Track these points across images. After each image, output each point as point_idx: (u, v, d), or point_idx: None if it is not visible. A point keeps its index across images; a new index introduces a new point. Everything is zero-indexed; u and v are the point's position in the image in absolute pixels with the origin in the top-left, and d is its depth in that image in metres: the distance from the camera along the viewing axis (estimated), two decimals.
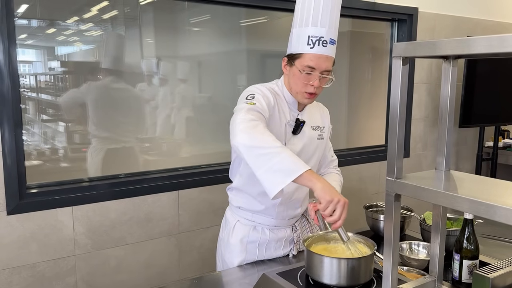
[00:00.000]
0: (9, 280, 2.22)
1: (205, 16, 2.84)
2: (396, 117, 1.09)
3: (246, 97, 1.63)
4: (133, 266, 2.58)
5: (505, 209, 0.87)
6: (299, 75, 1.65)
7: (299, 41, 1.64)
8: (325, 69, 1.64)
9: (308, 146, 1.80)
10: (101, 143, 2.55)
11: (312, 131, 1.81)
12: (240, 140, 1.45)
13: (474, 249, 1.53)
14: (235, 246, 1.83)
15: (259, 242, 1.83)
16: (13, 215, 2.19)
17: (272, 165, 1.41)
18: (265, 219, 1.82)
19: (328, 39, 1.62)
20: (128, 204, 2.51)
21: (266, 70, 3.09)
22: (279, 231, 1.85)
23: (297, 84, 1.67)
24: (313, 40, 1.61)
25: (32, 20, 2.32)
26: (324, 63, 1.63)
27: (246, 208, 1.83)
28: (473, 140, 4.21)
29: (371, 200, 2.27)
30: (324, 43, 1.62)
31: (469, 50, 0.92)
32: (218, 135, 2.91)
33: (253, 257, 1.83)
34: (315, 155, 1.84)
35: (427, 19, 3.64)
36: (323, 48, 1.62)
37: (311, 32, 1.62)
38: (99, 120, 2.55)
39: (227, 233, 1.87)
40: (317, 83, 1.64)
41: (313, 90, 1.66)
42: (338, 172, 2.00)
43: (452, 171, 1.22)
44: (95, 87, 2.52)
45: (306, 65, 1.63)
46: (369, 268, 1.50)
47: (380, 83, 3.76)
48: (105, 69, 2.53)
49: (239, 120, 1.50)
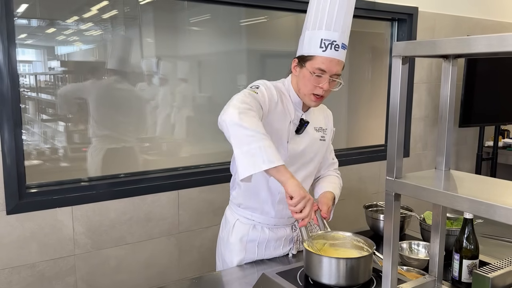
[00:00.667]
0: (8, 280, 2.22)
1: (205, 15, 2.84)
2: (396, 116, 1.09)
3: (251, 86, 1.66)
4: (133, 266, 2.58)
5: (505, 209, 0.87)
6: (309, 77, 1.66)
7: (311, 44, 1.65)
8: (335, 72, 1.66)
9: (310, 147, 1.80)
10: (101, 143, 2.55)
11: (315, 132, 1.82)
12: (229, 116, 1.46)
13: (474, 248, 1.53)
14: (235, 245, 1.83)
15: (259, 241, 1.83)
16: (12, 214, 2.19)
17: (252, 148, 1.42)
18: (264, 217, 1.83)
19: (341, 43, 1.64)
20: (127, 204, 2.51)
21: (266, 70, 3.09)
22: (279, 230, 1.85)
23: (306, 85, 1.68)
24: (325, 43, 1.62)
25: (31, 20, 2.32)
26: (335, 67, 1.64)
27: (246, 205, 1.84)
28: (473, 140, 4.21)
29: (371, 200, 2.27)
30: (336, 47, 1.63)
31: (469, 49, 0.92)
32: (217, 135, 2.88)
33: (253, 256, 1.83)
34: (316, 156, 1.84)
35: (427, 18, 3.64)
36: (335, 52, 1.63)
37: (324, 35, 1.63)
38: (100, 119, 2.55)
39: (227, 232, 1.88)
40: (326, 86, 1.65)
41: (322, 92, 1.67)
42: (337, 175, 2.00)
43: (452, 171, 1.21)
44: (96, 85, 2.52)
45: (318, 67, 1.64)
46: (368, 268, 1.50)
47: (380, 83, 3.76)
48: (106, 68, 2.53)
49: (236, 99, 1.52)
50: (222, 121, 1.48)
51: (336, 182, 1.93)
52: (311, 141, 1.80)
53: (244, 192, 1.82)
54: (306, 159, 1.80)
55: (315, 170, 1.89)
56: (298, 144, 1.76)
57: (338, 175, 2.00)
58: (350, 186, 3.31)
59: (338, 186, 1.94)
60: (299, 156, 1.77)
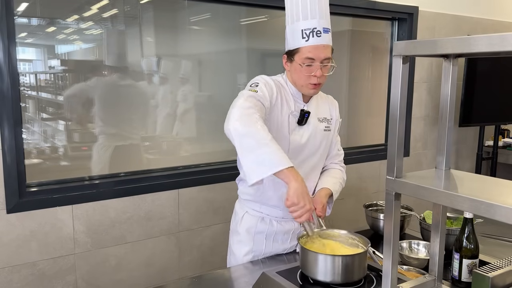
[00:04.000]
0: (9, 279, 2.22)
1: (205, 14, 2.84)
2: (396, 115, 1.09)
3: (251, 84, 1.68)
4: (133, 264, 2.58)
5: (505, 208, 0.87)
6: (300, 69, 1.69)
7: (294, 37, 1.69)
8: (324, 57, 1.68)
9: (314, 138, 1.81)
10: (103, 141, 2.55)
11: (318, 122, 1.82)
12: (233, 126, 1.50)
13: (474, 248, 1.53)
14: (243, 236, 1.86)
15: (267, 233, 1.85)
16: (13, 213, 2.19)
17: (258, 155, 1.46)
18: (272, 210, 1.84)
19: (321, 28, 1.66)
20: (128, 203, 2.51)
21: (266, 69, 3.09)
22: (287, 223, 1.87)
23: (300, 77, 1.71)
24: (306, 32, 1.66)
25: (32, 19, 2.32)
26: (322, 52, 1.67)
27: (253, 199, 1.85)
28: (473, 139, 4.21)
29: (371, 199, 2.27)
30: (318, 33, 1.66)
31: (470, 48, 0.92)
32: (218, 134, 2.88)
33: (261, 247, 1.85)
34: (321, 147, 1.85)
35: (427, 18, 3.64)
36: (318, 38, 1.66)
37: (303, 25, 1.67)
38: (103, 118, 2.55)
39: (236, 224, 1.91)
40: (319, 72, 1.68)
41: (317, 80, 1.69)
42: (342, 169, 1.98)
43: (452, 170, 1.21)
44: (98, 84, 2.52)
45: (305, 57, 1.67)
46: (363, 265, 1.49)
47: (380, 82, 3.76)
48: (106, 66, 2.52)
49: (237, 106, 1.55)
50: (227, 130, 1.52)
51: (337, 177, 1.91)
52: (315, 132, 1.81)
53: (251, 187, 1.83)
54: (310, 151, 1.81)
55: (320, 162, 1.89)
56: (300, 136, 1.77)
57: (342, 169, 1.98)
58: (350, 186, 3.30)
59: (339, 180, 1.91)
60: (302, 148, 1.78)
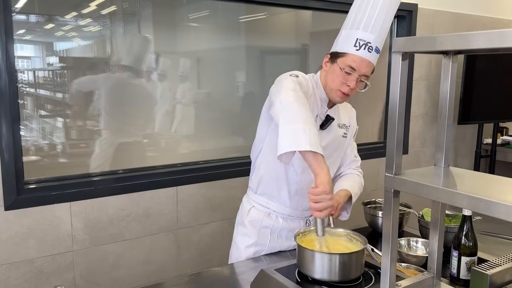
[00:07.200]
0: (6, 276, 2.22)
1: (204, 12, 2.83)
2: (396, 113, 1.09)
3: (290, 74, 1.64)
4: (131, 262, 2.57)
5: (504, 206, 0.86)
6: (338, 72, 1.67)
7: (347, 41, 1.67)
8: (364, 73, 1.67)
9: (333, 143, 1.82)
10: (106, 138, 2.55)
11: (338, 129, 1.84)
12: (285, 95, 1.47)
13: (473, 245, 1.53)
14: (249, 229, 1.87)
15: (272, 228, 1.86)
16: (10, 210, 2.19)
17: (300, 127, 1.40)
18: (279, 206, 1.84)
19: (375, 46, 1.65)
20: (126, 200, 2.51)
21: (265, 66, 3.08)
22: (292, 221, 1.87)
23: (334, 81, 1.69)
24: (360, 43, 1.64)
25: (30, 16, 2.31)
26: (365, 67, 1.66)
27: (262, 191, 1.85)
28: (472, 137, 4.21)
29: (370, 197, 2.27)
30: (370, 49, 1.64)
31: (469, 45, 0.92)
32: (217, 131, 2.89)
33: (265, 241, 1.86)
34: (335, 152, 1.86)
35: (426, 15, 3.64)
36: (368, 53, 1.64)
37: (360, 35, 1.64)
38: (102, 113, 2.54)
39: (241, 216, 1.91)
40: (353, 84, 1.67)
41: (348, 90, 1.68)
42: (359, 174, 1.99)
43: (451, 168, 1.21)
44: (99, 82, 2.52)
45: (348, 64, 1.65)
46: (359, 263, 1.49)
47: (378, 80, 3.76)
48: (106, 63, 2.52)
49: (288, 82, 1.53)
50: (278, 100, 1.48)
51: (355, 181, 1.93)
52: (334, 137, 1.82)
53: (262, 177, 1.84)
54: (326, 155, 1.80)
55: (333, 167, 1.88)
56: (321, 139, 1.76)
57: (360, 174, 1.99)
58: None
59: (358, 184, 1.92)
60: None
